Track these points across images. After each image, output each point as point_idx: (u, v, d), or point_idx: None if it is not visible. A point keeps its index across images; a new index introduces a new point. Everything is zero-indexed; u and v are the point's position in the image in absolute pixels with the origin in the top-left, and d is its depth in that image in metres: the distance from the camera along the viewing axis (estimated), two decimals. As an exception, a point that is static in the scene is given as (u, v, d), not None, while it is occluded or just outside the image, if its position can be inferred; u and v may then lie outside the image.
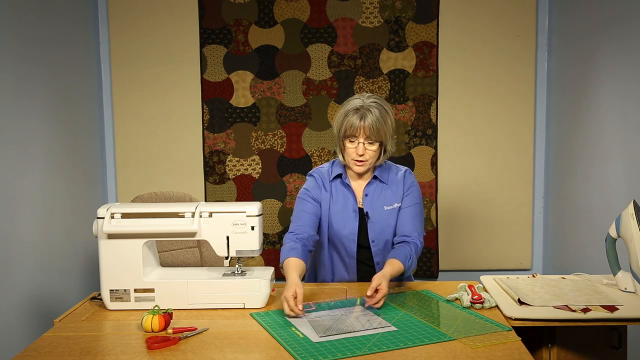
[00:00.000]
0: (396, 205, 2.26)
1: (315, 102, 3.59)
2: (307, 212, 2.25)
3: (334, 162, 2.35)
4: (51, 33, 2.98)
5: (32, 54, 2.78)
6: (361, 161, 2.19)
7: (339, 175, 2.29)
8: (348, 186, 2.28)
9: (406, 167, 2.34)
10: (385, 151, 2.23)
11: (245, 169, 3.63)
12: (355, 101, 2.21)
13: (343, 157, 2.25)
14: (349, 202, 2.27)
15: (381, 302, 1.93)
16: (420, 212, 2.28)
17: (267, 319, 1.87)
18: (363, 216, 2.26)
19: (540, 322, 1.80)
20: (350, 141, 2.18)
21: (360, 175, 2.29)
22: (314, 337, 1.70)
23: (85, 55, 3.41)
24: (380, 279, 1.94)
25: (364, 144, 2.16)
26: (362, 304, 1.97)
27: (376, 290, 1.92)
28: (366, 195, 2.27)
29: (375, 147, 2.18)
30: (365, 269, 2.30)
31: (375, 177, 2.27)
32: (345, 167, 2.30)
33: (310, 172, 2.37)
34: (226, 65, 3.58)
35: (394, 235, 2.26)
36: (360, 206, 2.27)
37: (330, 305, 1.98)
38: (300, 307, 1.84)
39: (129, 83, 3.59)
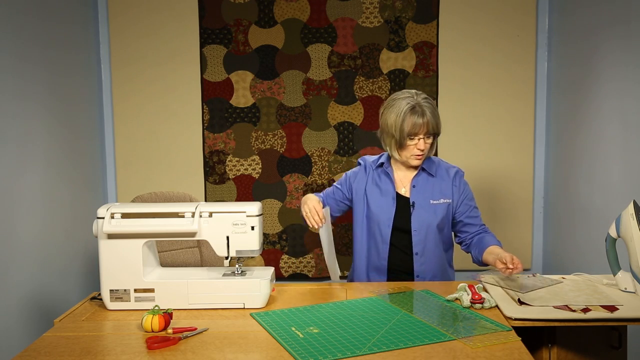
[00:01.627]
0: (443, 201, 2.37)
1: (315, 102, 3.59)
2: (332, 197, 2.49)
3: (383, 154, 2.48)
4: (51, 33, 2.98)
5: (32, 53, 2.78)
6: (421, 155, 2.33)
7: (380, 165, 2.43)
8: (387, 174, 2.41)
9: (458, 168, 2.47)
10: (435, 142, 2.38)
11: (245, 169, 3.63)
12: (405, 100, 2.31)
13: (400, 154, 2.35)
14: (388, 188, 2.39)
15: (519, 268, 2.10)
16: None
17: (267, 319, 1.87)
18: (405, 204, 2.37)
19: (540, 322, 1.80)
20: (411, 139, 2.29)
21: (407, 167, 2.42)
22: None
23: (85, 56, 3.41)
24: (509, 254, 2.13)
25: (424, 139, 2.29)
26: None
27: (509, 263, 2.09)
28: (414, 186, 2.38)
29: (431, 140, 2.33)
30: (399, 255, 2.38)
31: (423, 169, 2.40)
32: (390, 158, 2.43)
33: (362, 157, 2.54)
34: (226, 65, 3.58)
35: (437, 230, 2.37)
36: (406, 195, 2.39)
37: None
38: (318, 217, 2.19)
39: (129, 83, 3.59)
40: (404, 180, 2.40)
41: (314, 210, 2.20)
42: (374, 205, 2.38)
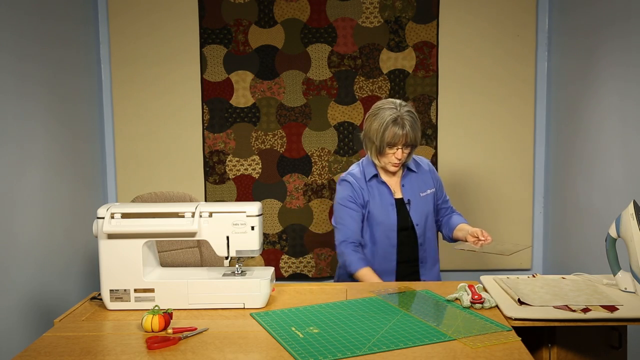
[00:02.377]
0: (429, 191, 2.57)
1: (315, 102, 3.59)
2: (354, 218, 2.49)
3: (361, 163, 2.58)
4: (51, 33, 2.98)
5: (32, 53, 2.78)
6: (398, 164, 2.47)
7: (375, 176, 2.52)
8: (384, 183, 2.52)
9: (424, 158, 2.68)
10: (412, 153, 2.53)
11: (245, 169, 3.63)
12: (389, 111, 2.43)
13: (379, 160, 2.49)
14: (385, 197, 2.51)
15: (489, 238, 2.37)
16: None
17: (267, 319, 1.87)
18: (401, 204, 2.51)
19: (540, 322, 1.80)
20: (390, 147, 2.43)
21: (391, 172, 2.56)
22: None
23: (85, 55, 3.41)
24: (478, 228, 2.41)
25: (402, 149, 2.42)
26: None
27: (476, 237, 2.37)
28: (403, 185, 2.54)
29: (408, 150, 2.47)
30: (405, 251, 2.52)
31: (408, 169, 2.56)
32: (375, 166, 2.54)
33: (343, 177, 2.58)
34: (226, 65, 3.58)
35: (432, 218, 2.58)
36: (398, 196, 2.53)
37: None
38: None
39: (129, 83, 3.59)
40: (393, 184, 2.55)
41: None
42: (378, 215, 2.49)
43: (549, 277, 2.22)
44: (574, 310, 1.82)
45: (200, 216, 1.99)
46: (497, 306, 1.93)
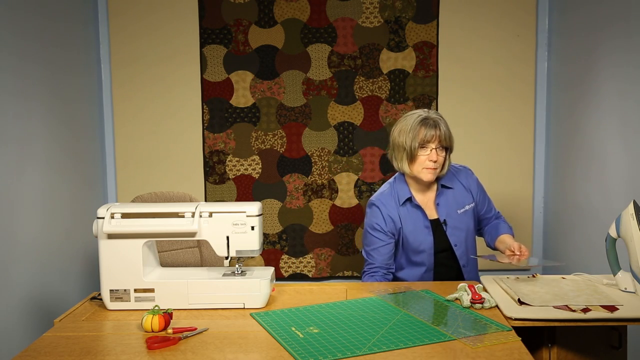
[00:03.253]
0: (468, 206, 2.43)
1: (315, 102, 3.59)
2: (382, 247, 2.37)
3: (392, 183, 2.44)
4: (51, 33, 2.98)
5: (32, 53, 2.78)
6: (433, 168, 2.31)
7: (408, 199, 2.39)
8: (418, 206, 2.39)
9: (463, 166, 2.52)
10: (449, 161, 2.39)
11: (245, 169, 3.63)
12: (416, 114, 2.34)
13: (411, 167, 2.33)
14: (419, 220, 2.38)
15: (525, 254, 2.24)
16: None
17: (267, 319, 1.87)
18: (437, 225, 2.39)
19: (540, 322, 1.80)
20: (423, 148, 2.29)
21: (425, 189, 2.41)
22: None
23: (85, 55, 3.41)
24: (518, 243, 2.27)
25: (436, 150, 2.29)
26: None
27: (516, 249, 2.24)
28: (438, 204, 2.40)
29: (444, 154, 2.33)
30: (444, 272, 2.42)
31: (443, 186, 2.41)
32: (407, 184, 2.40)
33: (372, 201, 2.42)
34: (226, 65, 3.58)
35: (472, 236, 2.45)
36: (431, 218, 2.39)
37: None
38: None
39: (129, 83, 3.59)
40: (428, 204, 2.41)
41: None
42: (413, 240, 2.38)
43: (549, 277, 2.22)
44: (574, 310, 1.82)
45: (200, 216, 1.99)
46: (497, 306, 1.93)
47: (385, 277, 2.39)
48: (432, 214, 2.40)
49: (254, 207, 2.02)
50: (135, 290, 1.99)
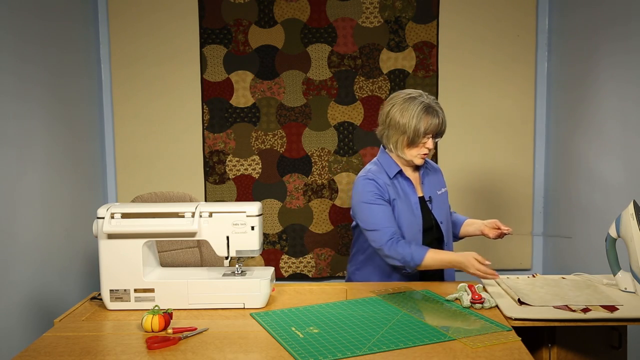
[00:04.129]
0: (443, 190, 2.49)
1: (315, 102, 3.59)
2: (387, 213, 2.30)
3: (377, 162, 2.42)
4: (51, 33, 2.98)
5: (32, 54, 2.78)
6: (427, 155, 2.37)
7: (399, 172, 2.38)
8: (408, 180, 2.39)
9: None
10: None
11: (245, 169, 3.63)
12: (418, 100, 2.31)
13: (406, 152, 2.34)
14: (411, 195, 2.38)
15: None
16: None
17: (267, 319, 1.87)
18: (424, 203, 2.40)
19: (540, 322, 1.80)
20: (424, 137, 2.31)
21: (411, 168, 2.43)
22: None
23: (85, 56, 3.41)
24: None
25: (432, 138, 2.32)
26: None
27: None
28: (423, 183, 2.43)
29: (436, 140, 2.36)
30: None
31: (425, 167, 2.45)
32: (395, 162, 2.39)
33: (363, 176, 2.37)
34: (226, 65, 3.58)
35: (450, 217, 2.50)
36: (420, 195, 2.41)
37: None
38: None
39: (129, 83, 3.59)
40: (415, 181, 2.43)
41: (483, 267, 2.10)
42: (404, 214, 2.33)
43: (549, 277, 2.22)
44: (574, 310, 1.82)
45: (200, 216, 1.99)
46: (497, 306, 1.93)
47: (409, 243, 2.26)
48: (418, 192, 2.41)
49: (254, 207, 2.02)
50: (135, 290, 1.99)
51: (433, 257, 2.20)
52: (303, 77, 3.58)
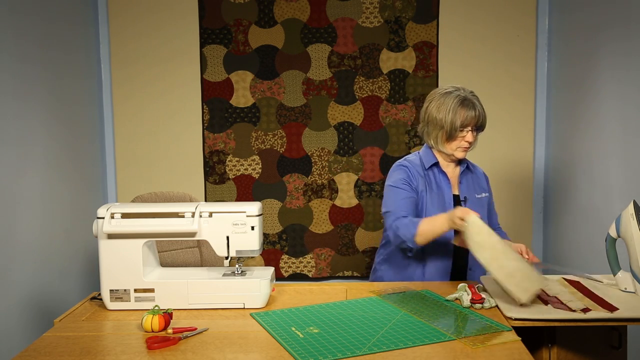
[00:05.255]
0: (484, 195, 2.43)
1: (315, 102, 3.59)
2: (407, 198, 2.29)
3: (418, 153, 2.42)
4: (51, 33, 2.98)
5: (32, 54, 2.78)
6: (468, 147, 2.33)
7: (435, 164, 2.37)
8: (444, 174, 2.37)
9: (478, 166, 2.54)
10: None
11: (245, 169, 3.63)
12: (454, 94, 2.30)
13: (446, 145, 2.33)
14: (445, 190, 2.35)
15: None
16: None
17: (267, 319, 1.87)
18: (458, 203, 2.36)
19: (540, 322, 1.80)
20: (462, 130, 2.29)
21: (452, 164, 2.40)
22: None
23: (85, 56, 3.41)
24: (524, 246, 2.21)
25: (472, 131, 2.30)
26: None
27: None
28: (461, 182, 2.39)
29: (476, 134, 2.33)
30: (458, 252, 2.33)
31: (467, 167, 2.42)
32: (435, 155, 2.38)
33: (399, 163, 2.39)
34: (226, 65, 3.58)
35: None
36: (455, 193, 2.38)
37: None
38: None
39: (129, 83, 3.59)
40: (452, 179, 2.39)
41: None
42: (432, 208, 2.31)
43: (549, 277, 2.22)
44: (574, 310, 1.82)
45: (200, 216, 1.99)
46: (497, 306, 1.93)
47: (416, 222, 2.22)
48: (454, 190, 2.39)
49: (254, 207, 2.02)
50: (135, 290, 1.99)
51: (426, 221, 2.18)
52: (303, 77, 3.58)
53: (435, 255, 2.33)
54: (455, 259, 2.35)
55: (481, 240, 1.96)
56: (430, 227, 2.16)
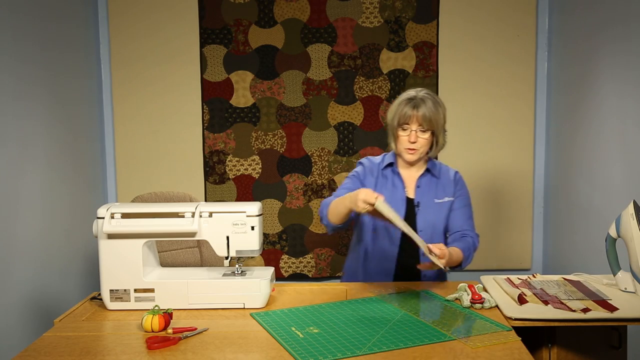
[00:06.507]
0: (447, 199, 2.36)
1: (315, 102, 3.59)
2: (349, 189, 2.27)
3: (386, 154, 2.44)
4: (51, 33, 2.98)
5: (32, 54, 2.78)
6: (413, 149, 2.28)
7: (390, 164, 2.38)
8: (398, 174, 2.36)
9: (455, 170, 2.46)
10: (437, 143, 2.33)
11: (245, 169, 3.63)
12: (408, 92, 2.32)
13: (396, 146, 2.33)
14: (397, 191, 2.34)
15: (444, 260, 2.04)
16: (472, 214, 2.42)
17: (267, 319, 1.87)
18: (412, 206, 2.33)
19: (540, 322, 1.80)
20: (403, 129, 2.28)
21: (412, 166, 2.38)
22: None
23: (85, 56, 3.41)
24: (442, 246, 2.07)
25: (416, 132, 2.26)
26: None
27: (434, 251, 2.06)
28: (418, 186, 2.36)
29: (426, 135, 2.27)
30: (405, 256, 2.34)
31: (427, 170, 2.38)
32: (397, 158, 2.39)
33: (361, 159, 2.45)
34: (226, 65, 3.58)
35: (443, 230, 2.36)
36: (410, 196, 2.35)
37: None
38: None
39: (129, 83, 3.59)
40: (409, 181, 2.37)
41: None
42: None
43: (549, 277, 2.22)
44: (574, 310, 1.82)
45: (200, 216, 1.99)
46: (497, 306, 1.93)
47: (329, 201, 2.27)
48: (410, 193, 2.35)
49: (254, 207, 2.02)
50: (135, 290, 1.99)
51: (335, 201, 2.19)
52: (303, 77, 3.58)
53: (379, 255, 2.36)
54: (401, 258, 2.35)
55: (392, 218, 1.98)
56: (335, 206, 2.19)
